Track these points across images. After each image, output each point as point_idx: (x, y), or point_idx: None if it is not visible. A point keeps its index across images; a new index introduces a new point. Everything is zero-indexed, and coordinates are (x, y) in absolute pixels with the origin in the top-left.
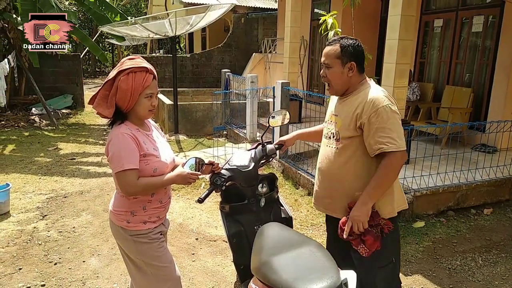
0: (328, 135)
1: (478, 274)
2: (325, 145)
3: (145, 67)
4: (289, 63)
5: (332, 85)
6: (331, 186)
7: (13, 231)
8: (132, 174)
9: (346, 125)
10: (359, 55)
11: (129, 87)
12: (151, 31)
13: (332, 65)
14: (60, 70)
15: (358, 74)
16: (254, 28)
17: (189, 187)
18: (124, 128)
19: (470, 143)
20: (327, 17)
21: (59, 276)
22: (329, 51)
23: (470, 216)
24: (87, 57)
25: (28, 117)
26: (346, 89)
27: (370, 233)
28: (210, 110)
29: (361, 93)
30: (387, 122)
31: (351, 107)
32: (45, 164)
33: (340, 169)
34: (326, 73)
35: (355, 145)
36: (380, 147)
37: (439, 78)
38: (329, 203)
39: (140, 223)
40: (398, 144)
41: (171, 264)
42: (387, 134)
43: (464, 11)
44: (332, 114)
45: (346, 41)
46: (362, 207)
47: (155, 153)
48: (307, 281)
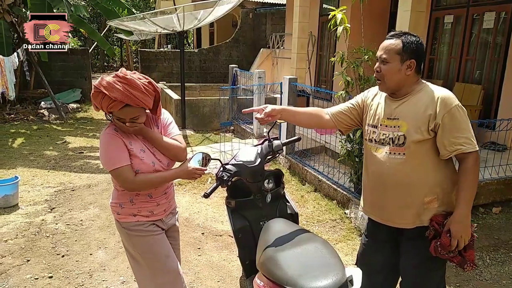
0: (386, 140)
1: (485, 273)
2: (381, 152)
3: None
4: (297, 58)
5: (385, 81)
6: (394, 195)
7: (22, 223)
8: (125, 171)
9: (416, 128)
10: (421, 54)
11: (97, 104)
12: (159, 25)
13: (391, 60)
14: (69, 64)
15: (415, 74)
16: (262, 24)
17: (196, 181)
18: (110, 129)
19: (479, 141)
20: (336, 12)
21: (66, 268)
22: (389, 46)
23: (479, 214)
24: (96, 52)
25: (37, 110)
26: (399, 88)
27: (469, 246)
28: (217, 105)
29: (423, 92)
30: (461, 122)
31: (418, 108)
32: (54, 158)
33: (408, 177)
34: (382, 68)
35: (425, 149)
36: (457, 148)
37: (449, 75)
38: (388, 212)
39: (129, 215)
40: (474, 144)
41: (167, 258)
42: (463, 134)
43: (475, 8)
44: (388, 118)
45: (409, 38)
46: (464, 220)
47: (139, 154)
48: (312, 278)
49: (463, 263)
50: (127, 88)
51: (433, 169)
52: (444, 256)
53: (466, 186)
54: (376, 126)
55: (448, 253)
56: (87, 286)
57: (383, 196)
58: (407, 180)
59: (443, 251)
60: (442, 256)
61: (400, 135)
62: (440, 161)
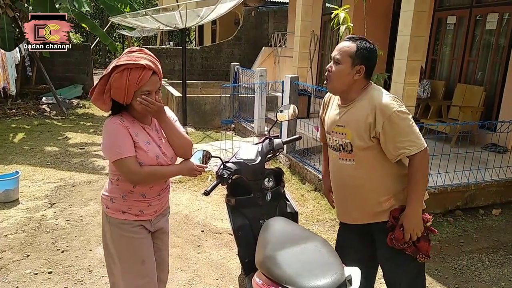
0: (337, 147)
1: (484, 274)
2: (336, 158)
3: (141, 64)
4: (299, 57)
5: (333, 81)
6: (351, 197)
7: (22, 218)
8: (130, 162)
9: (360, 136)
10: (372, 61)
11: (122, 85)
12: (162, 22)
13: (342, 62)
14: (71, 60)
15: (364, 79)
16: (265, 22)
17: (196, 179)
18: (115, 118)
19: (480, 142)
20: (339, 11)
21: (66, 264)
22: (344, 48)
23: (478, 216)
24: (98, 48)
25: (38, 106)
26: (345, 91)
27: (423, 238)
28: (219, 103)
29: (366, 100)
30: (402, 127)
31: (360, 116)
32: (54, 153)
33: (361, 180)
34: (333, 68)
35: (373, 154)
36: (402, 152)
37: (450, 76)
38: (349, 212)
39: (118, 211)
40: (419, 144)
41: (142, 264)
42: (405, 137)
43: (478, 9)
44: (337, 125)
45: (364, 43)
46: (415, 216)
47: (144, 146)
48: (311, 277)
49: (415, 253)
50: (150, 56)
51: (385, 172)
52: (399, 247)
53: (415, 185)
54: (329, 132)
55: (402, 244)
56: (86, 282)
57: (343, 197)
58: (360, 184)
59: (397, 243)
60: (397, 247)
61: (347, 142)
62: (391, 162)
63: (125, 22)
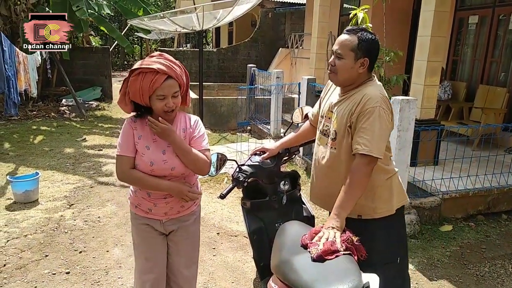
0: (326, 132)
1: (508, 282)
2: (322, 142)
3: (153, 69)
4: (316, 58)
5: (337, 75)
6: (329, 184)
7: (41, 219)
8: (122, 160)
9: (342, 125)
10: (375, 53)
11: (137, 89)
12: (179, 25)
13: (345, 56)
14: (90, 62)
15: (367, 72)
16: (281, 23)
17: (212, 181)
18: (130, 118)
19: (503, 145)
20: (358, 11)
21: (83, 264)
22: (345, 41)
23: (501, 221)
24: (117, 50)
25: (58, 108)
26: (349, 83)
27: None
28: (235, 105)
29: (359, 92)
30: (371, 123)
31: (349, 106)
32: (73, 155)
33: (338, 170)
34: (336, 63)
35: (347, 145)
36: (355, 147)
37: (472, 77)
38: (327, 200)
39: (133, 204)
40: (371, 148)
41: (146, 261)
42: (366, 135)
43: (501, 8)
44: (330, 111)
45: (365, 35)
46: (336, 219)
47: (141, 150)
48: (327, 283)
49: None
50: (167, 60)
51: None
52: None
53: (344, 188)
54: (323, 116)
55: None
56: (103, 283)
57: (320, 184)
58: (337, 174)
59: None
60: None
61: (333, 130)
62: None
63: (143, 25)
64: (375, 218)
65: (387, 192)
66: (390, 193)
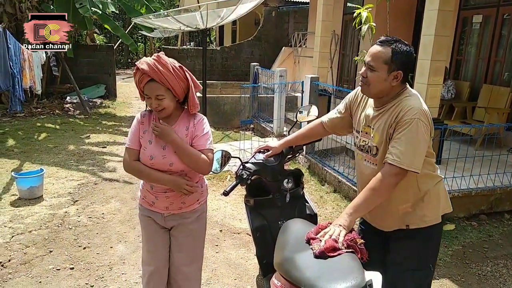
0: (365, 148)
1: (510, 281)
2: (362, 159)
3: (139, 68)
4: (319, 57)
5: (370, 88)
6: None
7: (46, 215)
8: (128, 151)
9: (383, 140)
10: (410, 66)
11: (136, 81)
12: (183, 23)
13: (378, 69)
14: (94, 60)
15: (401, 84)
16: (285, 22)
17: (215, 178)
18: (139, 113)
19: (506, 145)
20: (361, 10)
21: (87, 260)
22: (378, 53)
23: (504, 221)
24: (121, 48)
25: (63, 105)
26: (381, 95)
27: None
28: (238, 103)
29: (398, 104)
30: (405, 135)
31: (388, 119)
32: (77, 152)
33: None
34: (368, 75)
35: None
36: (386, 156)
37: (476, 76)
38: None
39: (140, 196)
40: (401, 160)
41: (147, 252)
42: (400, 146)
43: (506, 7)
44: (368, 125)
45: (400, 47)
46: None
47: (144, 144)
48: (330, 280)
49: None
50: (156, 63)
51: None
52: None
53: (365, 191)
54: (359, 131)
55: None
56: (107, 279)
57: None
58: None
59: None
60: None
61: (373, 146)
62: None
63: (146, 23)
64: (421, 227)
65: (435, 198)
66: (437, 199)
